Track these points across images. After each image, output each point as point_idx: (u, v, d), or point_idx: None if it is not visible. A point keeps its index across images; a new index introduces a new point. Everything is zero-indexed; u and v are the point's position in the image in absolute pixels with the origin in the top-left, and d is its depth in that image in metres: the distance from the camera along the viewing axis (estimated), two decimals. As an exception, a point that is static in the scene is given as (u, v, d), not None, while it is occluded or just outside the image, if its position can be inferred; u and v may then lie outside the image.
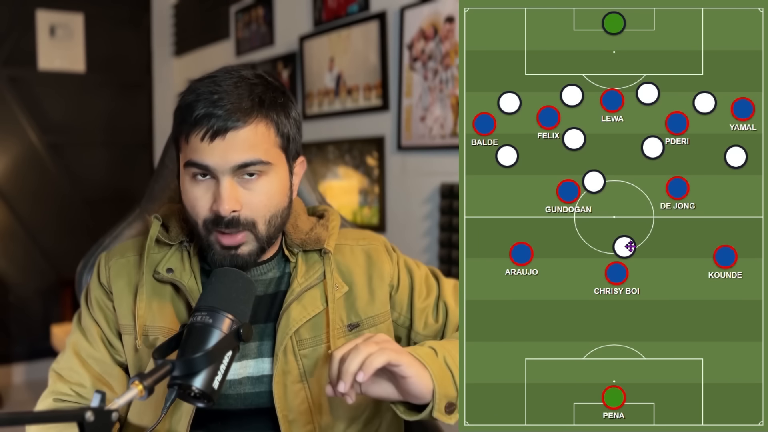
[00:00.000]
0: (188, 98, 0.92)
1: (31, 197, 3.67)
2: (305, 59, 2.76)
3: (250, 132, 0.90)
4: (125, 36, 3.91)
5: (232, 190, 0.90)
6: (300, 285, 0.98)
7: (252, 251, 0.94)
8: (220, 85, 0.91)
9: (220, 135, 0.88)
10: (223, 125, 0.88)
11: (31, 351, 3.68)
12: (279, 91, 0.95)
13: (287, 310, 0.96)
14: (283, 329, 0.96)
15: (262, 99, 0.92)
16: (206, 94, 0.90)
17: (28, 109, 3.65)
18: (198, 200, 0.92)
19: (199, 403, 0.79)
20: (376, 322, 1.02)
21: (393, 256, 1.07)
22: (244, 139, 0.89)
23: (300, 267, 1.00)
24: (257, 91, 0.92)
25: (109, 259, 1.03)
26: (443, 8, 2.07)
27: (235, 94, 0.90)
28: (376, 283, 1.02)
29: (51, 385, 1.01)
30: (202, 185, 0.92)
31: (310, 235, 1.01)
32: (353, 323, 1.00)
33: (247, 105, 0.90)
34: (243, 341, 0.81)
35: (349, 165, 2.53)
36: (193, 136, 0.90)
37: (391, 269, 1.05)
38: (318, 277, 0.99)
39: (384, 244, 1.08)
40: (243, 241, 0.92)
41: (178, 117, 0.93)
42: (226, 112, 0.88)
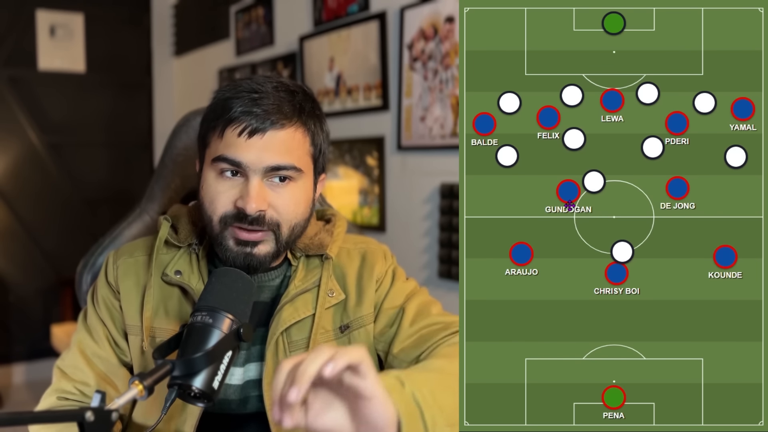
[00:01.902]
0: (226, 94, 0.92)
1: (31, 197, 3.67)
2: (305, 59, 2.76)
3: (288, 136, 0.90)
4: (125, 36, 3.91)
5: (261, 189, 0.89)
6: (296, 288, 0.97)
7: (269, 253, 0.93)
8: (261, 86, 0.91)
9: (259, 133, 0.88)
10: (262, 124, 0.88)
11: (31, 351, 3.68)
12: (316, 103, 0.96)
13: (280, 311, 0.96)
14: (273, 329, 0.95)
15: (303, 106, 0.93)
16: (246, 92, 0.90)
17: (28, 109, 3.65)
18: (220, 194, 0.91)
19: (199, 403, 0.79)
20: (364, 322, 1.00)
21: (388, 261, 1.05)
22: (281, 142, 0.89)
23: (299, 271, 0.99)
24: (298, 98, 0.93)
25: (117, 258, 1.03)
26: (443, 8, 2.07)
27: (276, 96, 0.90)
28: (366, 282, 1.01)
29: (55, 382, 1.01)
30: (229, 182, 0.91)
31: (314, 240, 1.01)
32: (344, 325, 0.99)
33: (288, 109, 0.91)
34: (243, 341, 0.81)
35: (349, 165, 2.53)
36: (230, 131, 0.89)
37: (381, 269, 1.03)
38: (314, 281, 0.99)
39: (383, 250, 1.06)
40: (262, 239, 0.92)
41: (213, 112, 0.93)
42: (265, 112, 0.89)
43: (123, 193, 3.87)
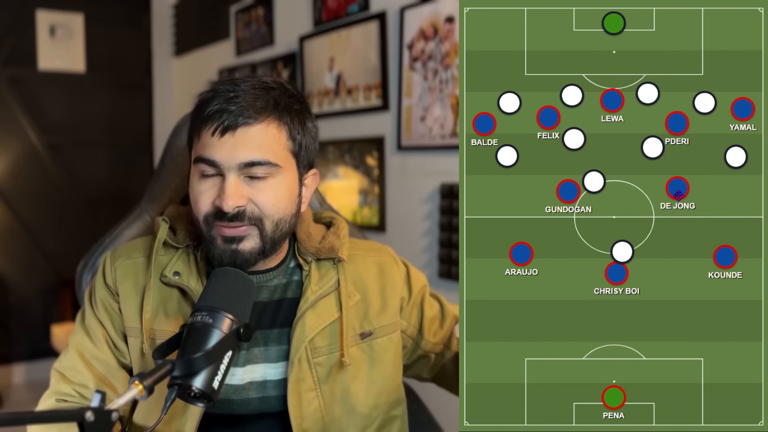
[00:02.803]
0: (205, 96, 0.93)
1: (31, 197, 3.67)
2: (305, 59, 2.76)
3: (260, 131, 0.90)
4: (125, 36, 3.91)
5: (237, 187, 0.90)
6: (314, 293, 0.98)
7: (254, 249, 0.93)
8: (238, 86, 0.92)
9: (230, 130, 0.89)
10: (234, 121, 0.89)
11: (31, 351, 3.68)
12: (296, 98, 0.96)
13: (302, 318, 0.96)
14: (298, 337, 0.95)
15: (277, 101, 0.92)
16: (223, 92, 0.91)
17: (28, 109, 3.65)
18: (201, 195, 0.92)
19: (199, 403, 0.79)
20: (388, 331, 1.03)
21: (401, 268, 1.09)
22: (253, 137, 0.89)
23: (313, 275, 1.00)
24: (273, 93, 0.93)
25: (115, 260, 1.02)
26: (443, 8, 2.07)
27: (251, 93, 0.91)
28: (389, 293, 1.04)
29: (54, 385, 1.01)
30: (209, 181, 0.92)
31: (324, 244, 1.01)
32: (366, 332, 1.01)
33: (261, 104, 0.91)
34: (243, 341, 0.81)
35: (349, 165, 2.53)
36: (205, 131, 0.90)
37: (402, 281, 1.07)
38: (332, 285, 0.99)
39: (392, 256, 1.10)
40: (245, 234, 0.92)
41: (194, 114, 0.94)
42: (238, 108, 0.89)
43: (123, 193, 3.87)
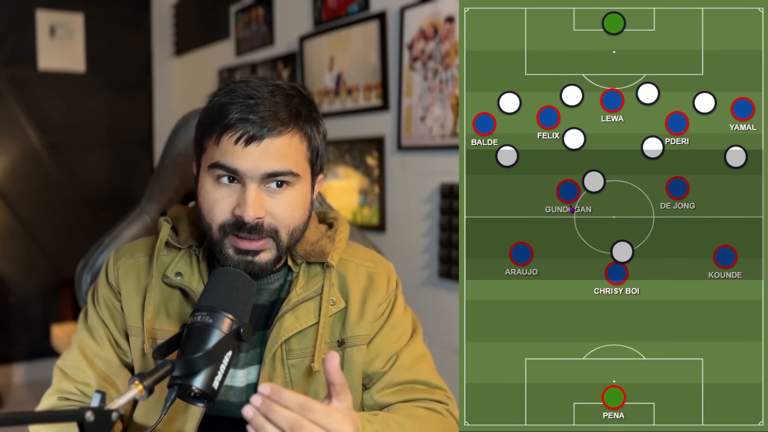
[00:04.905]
0: (222, 99, 0.91)
1: (31, 197, 3.67)
2: (305, 59, 2.76)
3: (285, 142, 0.89)
4: (125, 36, 3.91)
5: (258, 196, 0.89)
6: (298, 295, 0.97)
7: (270, 260, 0.93)
8: (256, 90, 0.90)
9: (256, 141, 0.88)
10: (259, 132, 0.88)
11: (31, 351, 3.68)
12: (312, 105, 0.96)
13: (281, 319, 0.96)
14: (274, 337, 0.95)
15: (299, 111, 0.92)
16: (241, 98, 0.89)
17: (28, 109, 3.65)
18: (218, 203, 0.91)
19: (199, 403, 0.79)
20: (358, 342, 1.00)
21: (390, 288, 1.04)
22: (278, 148, 0.89)
23: (301, 278, 0.99)
24: (294, 102, 0.92)
25: (118, 259, 1.02)
26: (443, 8, 2.07)
27: (272, 101, 0.90)
28: (370, 305, 1.01)
29: (56, 382, 1.01)
30: (226, 189, 0.90)
31: (315, 247, 1.00)
32: (341, 339, 0.99)
33: (285, 115, 0.90)
34: (243, 341, 0.81)
35: (349, 165, 2.53)
36: (226, 138, 0.89)
37: (385, 298, 1.03)
38: (316, 290, 0.98)
39: (388, 273, 1.05)
40: (264, 248, 0.91)
41: (209, 117, 0.92)
42: (261, 119, 0.88)
43: (123, 193, 3.87)
